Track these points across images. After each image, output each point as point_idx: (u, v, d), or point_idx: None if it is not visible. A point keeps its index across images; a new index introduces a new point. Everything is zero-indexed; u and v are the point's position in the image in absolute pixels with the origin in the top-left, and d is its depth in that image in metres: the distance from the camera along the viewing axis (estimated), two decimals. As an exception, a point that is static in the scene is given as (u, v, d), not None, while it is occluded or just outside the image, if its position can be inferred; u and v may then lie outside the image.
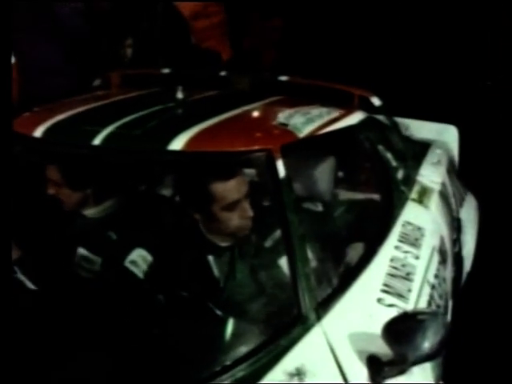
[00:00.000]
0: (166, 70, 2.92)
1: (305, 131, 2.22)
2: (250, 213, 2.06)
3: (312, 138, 2.26)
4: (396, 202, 2.49)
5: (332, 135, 2.38)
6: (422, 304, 2.08)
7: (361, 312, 1.86)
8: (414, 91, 5.24)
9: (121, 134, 2.05)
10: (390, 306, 1.94)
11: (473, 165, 3.86)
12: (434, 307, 2.12)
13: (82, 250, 2.30)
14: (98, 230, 2.33)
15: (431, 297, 2.16)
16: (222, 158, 2.01)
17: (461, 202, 3.15)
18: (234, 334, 1.77)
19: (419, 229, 2.42)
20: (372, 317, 1.83)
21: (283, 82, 2.80)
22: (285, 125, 2.21)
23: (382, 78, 5.42)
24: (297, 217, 1.90)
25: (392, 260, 2.18)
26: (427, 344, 1.59)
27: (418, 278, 2.17)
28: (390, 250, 2.24)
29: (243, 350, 1.67)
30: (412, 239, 2.34)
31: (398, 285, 2.07)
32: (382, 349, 1.62)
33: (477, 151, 4.20)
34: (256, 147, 2.02)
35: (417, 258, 2.26)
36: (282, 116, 2.29)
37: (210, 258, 2.18)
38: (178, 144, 1.97)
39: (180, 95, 2.40)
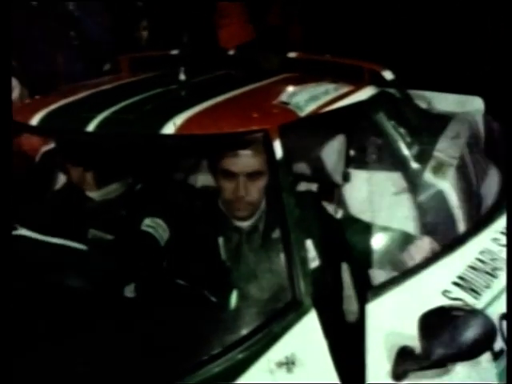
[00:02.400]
0: (175, 52, 2.87)
1: (307, 109, 2.16)
2: (242, 193, 2.02)
3: (315, 116, 2.18)
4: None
5: (338, 112, 2.31)
6: (498, 307, 1.95)
7: (414, 303, 1.78)
8: (439, 62, 5.09)
9: (115, 119, 2.02)
10: (455, 299, 1.87)
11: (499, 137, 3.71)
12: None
13: (93, 231, 2.30)
14: (108, 210, 2.32)
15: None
16: (214, 140, 1.96)
17: (483, 177, 3.03)
18: (226, 320, 1.73)
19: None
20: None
21: (291, 59, 2.72)
22: (286, 103, 2.16)
23: (407, 50, 5.31)
24: (294, 200, 1.84)
25: (482, 252, 2.10)
26: (458, 343, 1.51)
27: (503, 277, 2.05)
28: (483, 241, 2.14)
29: (233, 337, 1.63)
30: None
31: (477, 279, 1.98)
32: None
33: (505, 122, 4.04)
34: (252, 128, 1.97)
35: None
36: (285, 95, 2.24)
37: (221, 239, 2.16)
38: (170, 127, 1.93)
39: (182, 77, 2.35)
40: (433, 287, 1.90)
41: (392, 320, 1.72)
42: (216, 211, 2.22)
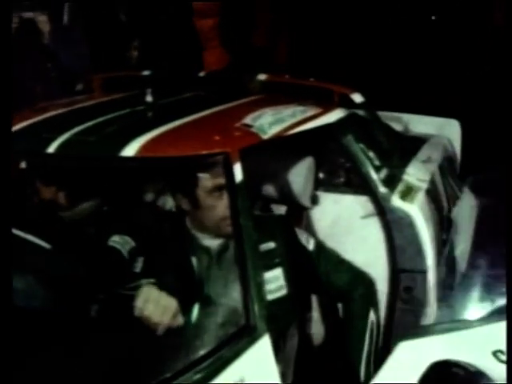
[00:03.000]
0: (147, 72, 2.87)
1: (271, 132, 2.15)
2: None
3: (279, 138, 2.18)
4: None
5: (304, 135, 2.30)
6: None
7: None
8: (417, 85, 5.11)
9: (76, 140, 2.01)
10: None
11: (476, 160, 3.72)
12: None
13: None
14: (77, 228, 2.31)
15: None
16: (174, 163, 1.95)
17: (454, 201, 3.03)
18: (177, 345, 1.71)
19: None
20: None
21: (261, 81, 2.72)
22: (249, 126, 2.15)
23: (387, 73, 5.33)
24: (251, 223, 1.83)
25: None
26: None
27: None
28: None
29: (185, 362, 1.62)
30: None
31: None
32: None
33: (481, 146, 4.06)
34: (213, 151, 1.96)
35: None
36: (249, 117, 2.23)
37: (194, 259, 2.15)
38: (131, 150, 1.92)
39: (149, 98, 2.35)
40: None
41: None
42: (184, 232, 2.21)
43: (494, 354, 1.71)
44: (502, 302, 2.00)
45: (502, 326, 1.70)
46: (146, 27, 5.02)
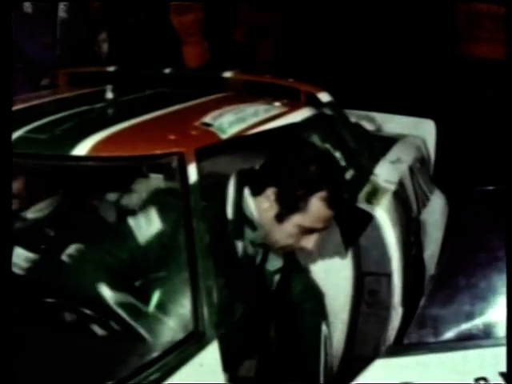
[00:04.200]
0: (112, 68, 2.81)
1: (230, 132, 2.10)
2: None
3: (239, 138, 2.13)
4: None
5: (266, 135, 2.25)
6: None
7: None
8: (393, 84, 5.08)
9: (28, 138, 1.95)
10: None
11: (451, 161, 3.69)
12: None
13: (18, 250, 2.23)
14: (35, 229, 2.25)
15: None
16: (126, 163, 1.90)
17: (424, 202, 2.99)
18: (122, 351, 1.65)
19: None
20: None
21: (226, 78, 2.67)
22: (209, 125, 2.10)
23: (364, 72, 5.29)
24: (204, 226, 1.78)
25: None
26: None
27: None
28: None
29: (130, 368, 1.56)
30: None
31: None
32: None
33: (457, 146, 4.03)
34: (167, 151, 1.91)
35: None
36: (210, 116, 2.18)
37: None
38: (82, 149, 1.87)
39: (110, 95, 2.30)
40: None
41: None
42: None
43: (477, 381, 1.59)
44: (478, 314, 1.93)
45: (485, 352, 1.59)
46: (115, 20, 4.97)
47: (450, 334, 1.70)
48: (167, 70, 2.78)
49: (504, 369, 1.46)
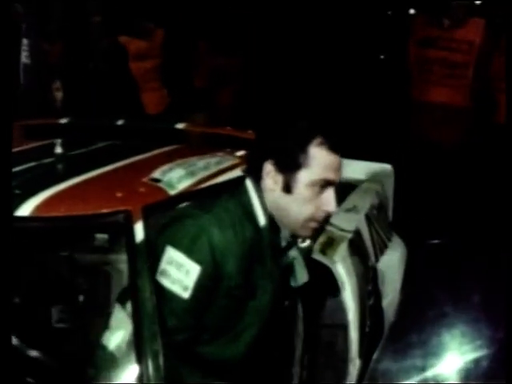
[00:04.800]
0: (65, 120, 2.78)
1: (180, 187, 2.08)
2: None
3: (189, 193, 2.10)
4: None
5: (217, 188, 2.22)
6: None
7: None
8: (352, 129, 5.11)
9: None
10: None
11: (410, 207, 3.70)
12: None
13: None
14: None
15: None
16: (70, 223, 1.85)
17: (382, 250, 2.98)
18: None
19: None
20: None
21: (178, 130, 2.65)
22: (158, 180, 2.07)
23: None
24: (150, 287, 1.74)
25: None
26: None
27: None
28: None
29: None
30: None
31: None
32: None
33: (415, 191, 4.05)
34: (112, 209, 1.87)
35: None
36: (159, 171, 2.15)
37: None
38: (26, 209, 1.83)
39: (58, 150, 2.27)
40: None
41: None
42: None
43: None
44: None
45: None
46: (75, 65, 4.96)
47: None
48: (120, 122, 2.75)
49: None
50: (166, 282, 1.65)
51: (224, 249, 1.65)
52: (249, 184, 1.80)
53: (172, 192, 2.03)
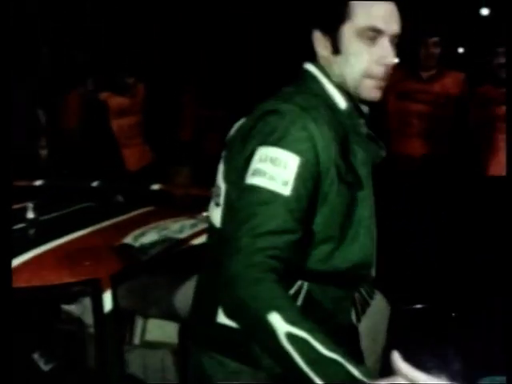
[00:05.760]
0: (39, 182, 2.75)
1: (152, 252, 2.04)
2: None
3: (161, 258, 2.07)
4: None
5: (189, 252, 2.19)
6: None
7: None
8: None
9: None
10: None
11: (395, 264, 3.65)
12: None
13: None
14: None
15: None
16: (36, 294, 1.82)
17: (364, 309, 2.90)
18: None
19: None
20: None
21: (154, 191, 2.63)
22: (129, 246, 2.04)
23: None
24: (117, 358, 1.70)
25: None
26: None
27: None
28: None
29: None
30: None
31: None
32: None
33: (400, 247, 4.01)
34: (81, 278, 1.84)
35: None
36: (132, 235, 2.12)
37: None
38: (-9, 279, 1.78)
39: (30, 214, 2.24)
40: None
41: None
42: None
43: None
44: None
45: None
46: (54, 125, 4.95)
47: None
48: (95, 183, 2.73)
49: None
50: (261, 182, 1.31)
51: (320, 134, 1.39)
52: (311, 68, 1.53)
53: (144, 257, 2.00)
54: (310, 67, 1.52)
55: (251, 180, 1.32)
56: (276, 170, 1.32)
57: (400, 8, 1.52)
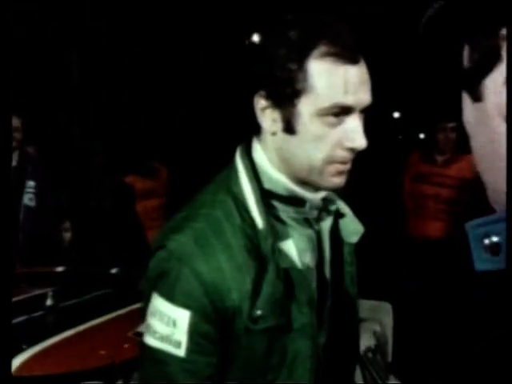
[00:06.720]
0: (60, 269, 2.85)
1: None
2: None
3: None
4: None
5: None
6: None
7: None
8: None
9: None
10: None
11: (408, 346, 3.66)
12: None
13: None
14: None
15: None
16: (54, 381, 1.88)
17: (377, 393, 2.93)
18: None
19: None
20: None
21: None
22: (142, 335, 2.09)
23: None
24: None
25: None
26: None
27: None
28: None
29: None
30: None
31: None
32: None
33: (414, 329, 4.02)
34: (94, 366, 1.90)
35: None
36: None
37: None
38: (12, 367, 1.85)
39: (49, 301, 2.32)
40: None
41: None
42: None
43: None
44: None
45: None
46: (78, 208, 5.07)
47: None
48: (114, 270, 2.81)
49: None
50: (152, 342, 1.15)
51: (216, 278, 1.13)
52: (238, 160, 1.23)
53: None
54: (240, 153, 1.24)
55: (144, 337, 1.19)
56: (166, 329, 1.15)
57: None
